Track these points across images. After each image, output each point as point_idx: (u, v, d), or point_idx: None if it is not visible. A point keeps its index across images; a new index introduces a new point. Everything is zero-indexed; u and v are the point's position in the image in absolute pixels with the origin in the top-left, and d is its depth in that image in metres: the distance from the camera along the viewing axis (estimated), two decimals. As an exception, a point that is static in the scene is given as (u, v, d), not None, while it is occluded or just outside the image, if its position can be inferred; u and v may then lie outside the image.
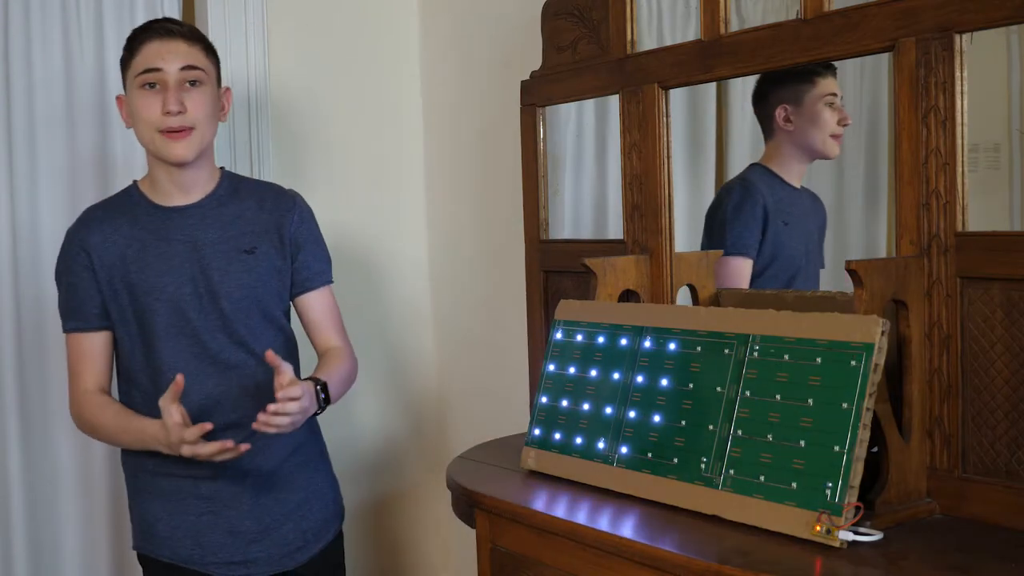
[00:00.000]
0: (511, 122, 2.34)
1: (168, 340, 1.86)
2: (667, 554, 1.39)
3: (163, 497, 1.90)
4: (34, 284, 2.40)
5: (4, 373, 2.37)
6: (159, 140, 1.85)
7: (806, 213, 2.00)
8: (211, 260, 1.89)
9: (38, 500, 2.42)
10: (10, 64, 2.36)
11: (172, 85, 1.83)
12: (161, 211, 1.92)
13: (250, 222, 1.95)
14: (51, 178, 2.41)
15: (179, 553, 1.89)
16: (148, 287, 1.86)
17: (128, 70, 1.87)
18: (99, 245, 1.88)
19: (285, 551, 1.94)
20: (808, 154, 1.95)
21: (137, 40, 1.86)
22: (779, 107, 1.94)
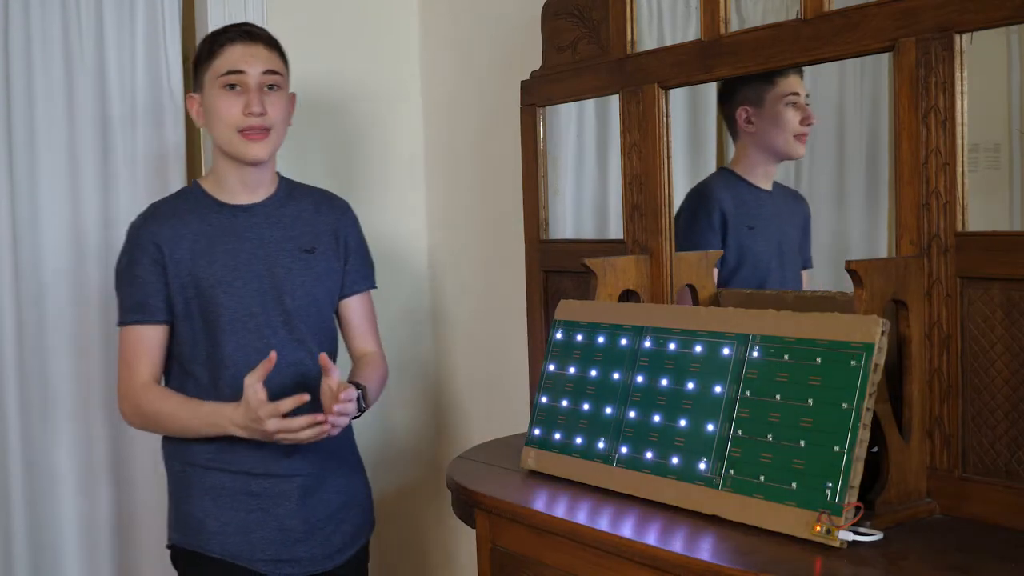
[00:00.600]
0: (511, 122, 2.34)
1: (232, 335, 1.91)
2: (667, 554, 1.39)
3: (213, 493, 1.93)
4: (35, 283, 2.40)
5: (4, 372, 2.37)
6: (237, 140, 1.91)
7: (778, 214, 1.99)
8: (276, 257, 1.95)
9: (39, 499, 2.42)
10: (10, 64, 2.36)
11: (253, 87, 1.90)
12: (227, 208, 1.97)
13: (308, 223, 2.02)
14: (51, 178, 2.41)
15: (228, 549, 1.91)
16: (215, 281, 1.91)
17: (207, 70, 1.92)
18: (169, 239, 1.92)
19: (327, 552, 1.99)
20: (772, 155, 1.95)
21: (219, 42, 1.92)
22: (740, 108, 1.94)
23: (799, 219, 1.95)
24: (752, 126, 1.93)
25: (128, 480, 2.51)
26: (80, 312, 2.44)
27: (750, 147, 1.96)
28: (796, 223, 1.95)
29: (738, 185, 1.97)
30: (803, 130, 1.89)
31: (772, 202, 1.97)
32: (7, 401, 2.37)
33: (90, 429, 2.46)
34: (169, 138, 2.52)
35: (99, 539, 2.48)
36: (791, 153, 1.93)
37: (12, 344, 2.37)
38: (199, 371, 1.93)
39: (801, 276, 1.94)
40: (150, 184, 2.51)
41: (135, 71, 2.49)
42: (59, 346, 2.43)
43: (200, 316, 1.91)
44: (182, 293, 1.91)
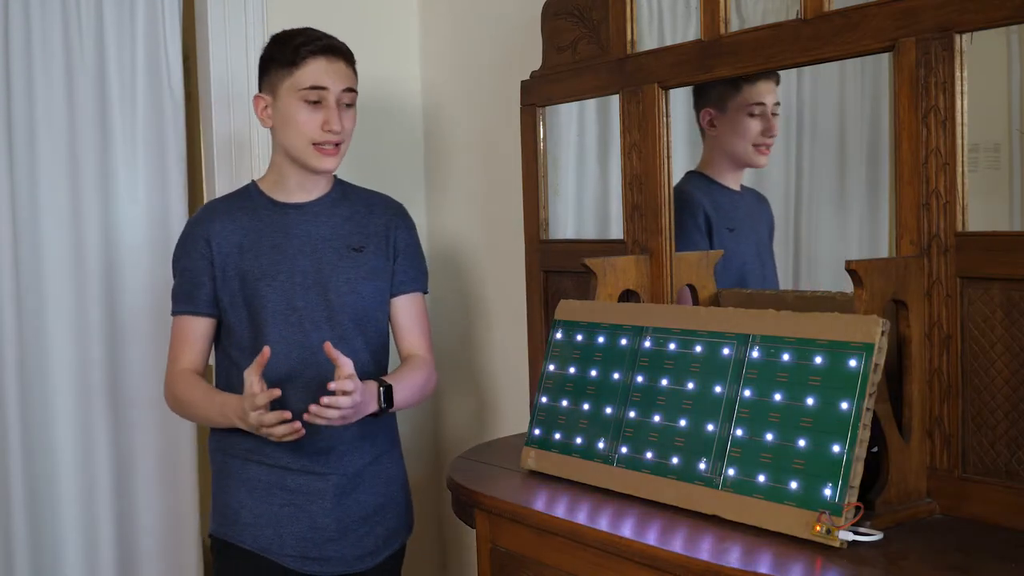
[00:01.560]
0: (511, 122, 2.34)
1: (275, 326, 1.94)
2: (667, 554, 1.39)
3: (249, 485, 1.96)
4: (35, 283, 2.40)
5: (5, 372, 2.37)
6: (311, 152, 1.96)
7: (751, 215, 1.99)
8: (323, 254, 1.99)
9: (39, 500, 2.42)
10: (10, 64, 2.36)
11: (333, 105, 1.94)
12: (280, 207, 2.02)
13: (359, 224, 2.05)
14: (51, 178, 2.41)
15: (259, 541, 1.94)
16: (260, 273, 1.95)
17: (286, 79, 1.94)
18: (219, 234, 1.97)
19: (358, 554, 2.00)
20: (733, 161, 1.95)
21: (301, 53, 1.94)
22: (704, 110, 1.94)
23: (766, 219, 1.95)
24: (715, 129, 1.94)
25: (128, 480, 2.51)
26: (80, 311, 2.44)
27: (715, 150, 1.96)
28: (765, 223, 1.95)
29: (711, 187, 1.97)
30: (764, 140, 1.88)
31: (744, 203, 1.98)
32: (7, 400, 2.37)
33: (90, 428, 2.46)
34: (169, 138, 2.52)
35: (99, 539, 2.48)
36: (750, 162, 1.93)
37: (12, 344, 2.37)
38: (244, 362, 1.94)
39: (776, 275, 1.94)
40: (150, 183, 2.51)
41: (135, 71, 2.49)
42: (59, 345, 2.43)
43: (245, 308, 1.96)
44: (227, 286, 1.96)
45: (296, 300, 1.96)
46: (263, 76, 2.01)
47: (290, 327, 1.95)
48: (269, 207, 2.01)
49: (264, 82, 2.00)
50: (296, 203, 2.02)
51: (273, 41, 2.01)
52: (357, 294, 2.00)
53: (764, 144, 1.89)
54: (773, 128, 1.87)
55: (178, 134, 2.54)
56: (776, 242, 1.95)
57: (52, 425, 2.43)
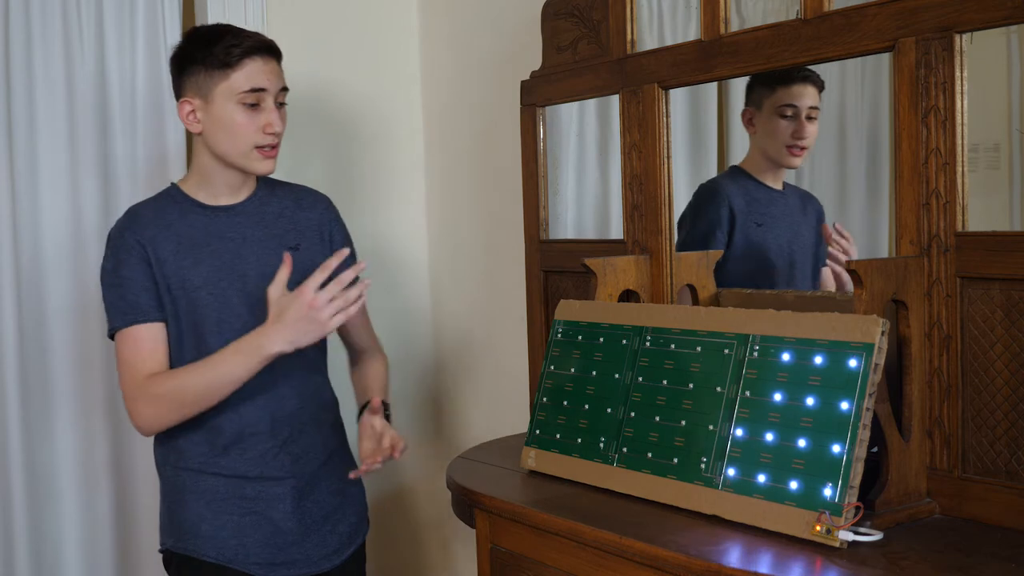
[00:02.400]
0: (511, 122, 2.34)
1: (220, 336, 1.87)
2: (667, 554, 1.39)
3: (207, 497, 1.91)
4: (35, 283, 2.40)
5: (5, 373, 2.37)
6: (252, 155, 1.89)
7: (789, 214, 1.99)
8: (260, 256, 1.93)
9: (39, 500, 2.42)
10: (10, 64, 2.36)
11: (272, 106, 1.88)
12: (209, 210, 1.94)
13: (290, 220, 2.00)
14: (51, 178, 2.41)
15: (224, 553, 1.90)
16: (200, 282, 1.88)
17: (220, 81, 1.84)
18: (153, 240, 1.88)
19: (323, 553, 1.97)
20: (769, 160, 1.95)
21: (235, 54, 1.84)
22: (746, 108, 1.95)
23: (812, 219, 1.95)
24: (753, 128, 1.94)
25: (128, 480, 2.51)
26: (81, 312, 2.44)
27: (754, 148, 1.97)
28: (809, 223, 1.96)
29: (748, 183, 1.98)
30: (794, 143, 1.89)
31: (784, 201, 1.98)
32: (8, 401, 2.37)
33: (90, 429, 2.46)
34: (169, 138, 2.52)
35: (99, 539, 2.48)
36: (782, 162, 1.94)
37: (13, 344, 2.37)
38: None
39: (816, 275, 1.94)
40: (150, 183, 2.51)
41: (135, 71, 2.49)
42: (60, 346, 2.43)
43: (186, 317, 1.88)
44: (168, 294, 1.88)
45: (240, 307, 1.89)
46: (185, 77, 1.88)
47: (235, 334, 1.85)
48: (198, 211, 1.92)
49: (188, 84, 1.88)
50: (225, 205, 1.94)
51: (194, 40, 1.89)
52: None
53: (796, 146, 1.89)
54: (803, 130, 1.87)
55: (178, 134, 2.53)
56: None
57: (52, 424, 2.43)
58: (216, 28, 1.92)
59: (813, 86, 1.85)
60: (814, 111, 1.86)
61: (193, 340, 1.89)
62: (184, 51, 1.90)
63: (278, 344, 1.78)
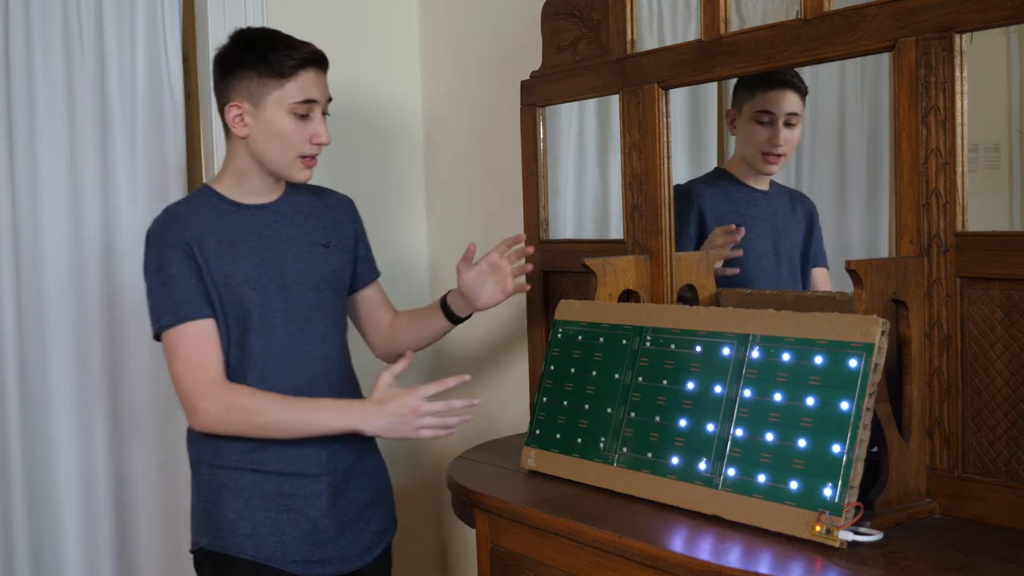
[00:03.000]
0: (511, 122, 2.34)
1: (261, 332, 1.90)
2: (667, 554, 1.39)
3: (245, 494, 1.91)
4: (35, 284, 2.40)
5: (5, 372, 2.37)
6: (295, 163, 1.92)
7: (774, 214, 1.98)
8: (297, 253, 1.96)
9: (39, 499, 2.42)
10: (10, 64, 2.36)
11: (320, 116, 1.92)
12: (244, 209, 1.96)
13: (320, 218, 2.04)
14: (51, 178, 2.41)
15: (262, 551, 1.90)
16: (242, 278, 1.90)
17: (274, 89, 1.86)
18: (195, 239, 1.89)
19: (356, 551, 1.99)
20: (746, 164, 1.95)
21: (290, 65, 1.86)
22: (729, 110, 1.95)
23: (801, 219, 1.94)
24: (734, 130, 1.94)
25: (128, 480, 2.51)
26: (81, 312, 2.44)
27: (737, 149, 1.97)
28: (797, 223, 1.95)
29: (729, 184, 1.97)
30: (770, 150, 1.88)
31: (768, 202, 1.97)
32: (8, 400, 2.37)
33: (90, 429, 2.46)
34: (169, 138, 2.52)
35: (99, 539, 2.48)
36: (758, 168, 1.93)
37: (13, 344, 2.37)
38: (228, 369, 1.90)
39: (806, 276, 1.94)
40: (150, 184, 2.51)
41: (135, 71, 2.49)
42: (59, 347, 2.43)
43: (231, 314, 1.90)
44: (214, 291, 1.89)
45: (279, 302, 1.91)
46: (235, 81, 1.88)
47: (276, 329, 1.90)
48: (233, 209, 1.94)
49: (237, 88, 1.88)
50: (260, 204, 1.97)
51: (245, 44, 1.90)
52: (333, 290, 2.00)
53: (771, 153, 1.88)
54: (778, 138, 1.86)
55: (178, 134, 2.53)
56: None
57: (52, 425, 2.43)
58: (268, 34, 1.93)
59: (794, 92, 1.84)
60: (794, 118, 1.85)
61: (238, 336, 1.90)
62: (233, 54, 1.90)
63: (368, 426, 1.83)
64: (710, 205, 1.97)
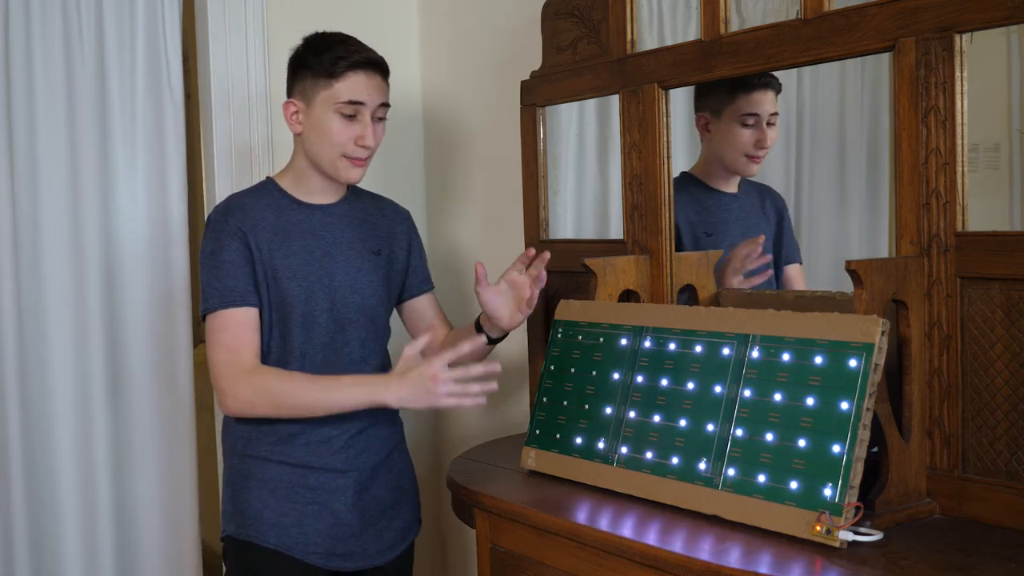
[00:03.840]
0: (511, 122, 2.34)
1: (303, 328, 1.94)
2: (667, 554, 1.39)
3: (271, 485, 1.95)
4: (35, 283, 2.40)
5: (5, 371, 2.37)
6: (341, 163, 1.95)
7: (744, 217, 1.98)
8: (349, 256, 2.00)
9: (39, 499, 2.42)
10: (10, 64, 2.36)
11: (368, 120, 1.93)
12: (304, 207, 2.00)
13: (375, 226, 2.07)
14: (52, 177, 2.41)
15: (285, 541, 1.94)
16: (291, 274, 1.94)
17: (323, 89, 1.91)
18: (252, 229, 1.94)
19: (378, 548, 2.01)
20: (724, 167, 1.94)
21: (341, 66, 1.91)
22: (700, 114, 1.94)
23: (771, 216, 1.94)
24: (709, 134, 1.94)
25: (128, 479, 2.51)
26: (80, 310, 2.44)
27: (708, 154, 1.97)
28: (768, 222, 1.94)
29: (698, 190, 1.97)
30: (756, 152, 1.88)
31: (738, 204, 1.97)
32: (7, 399, 2.36)
33: (90, 427, 2.46)
34: (169, 138, 2.52)
35: (99, 539, 2.48)
36: (740, 171, 1.93)
37: (12, 344, 2.37)
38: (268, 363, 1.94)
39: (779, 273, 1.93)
40: (150, 184, 2.51)
41: (135, 71, 2.49)
42: (59, 345, 2.43)
43: (275, 307, 1.94)
44: (263, 281, 1.94)
45: (323, 301, 1.96)
46: (295, 80, 1.98)
47: (317, 327, 1.95)
48: (293, 206, 1.99)
49: (296, 87, 1.97)
50: (320, 204, 2.02)
51: (309, 46, 1.98)
52: (379, 297, 2.03)
53: (756, 155, 1.88)
54: (766, 140, 1.86)
55: (178, 134, 2.53)
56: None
57: (52, 425, 2.43)
58: (331, 37, 1.99)
59: (773, 92, 1.84)
60: (774, 117, 1.85)
61: (279, 330, 1.95)
62: (299, 55, 1.99)
63: (391, 397, 1.83)
64: (682, 214, 1.96)
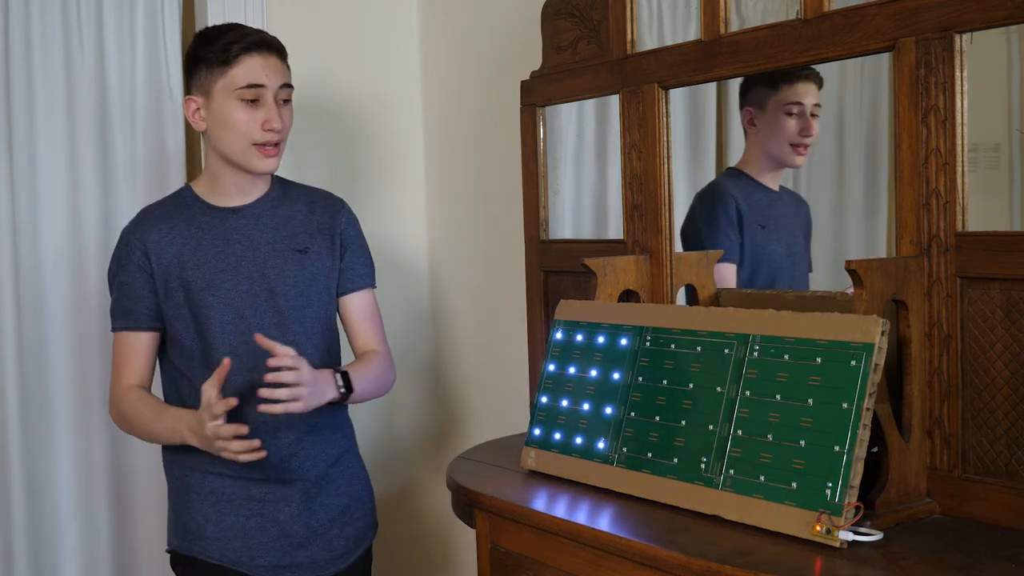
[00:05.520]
0: (511, 122, 2.34)
1: (224, 337, 1.89)
2: (667, 554, 1.39)
3: (213, 497, 1.91)
4: (34, 284, 2.40)
5: (4, 374, 2.37)
6: (252, 153, 1.89)
7: (787, 215, 1.99)
8: (267, 259, 1.94)
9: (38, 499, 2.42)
10: (10, 64, 2.36)
11: (272, 102, 1.88)
12: (217, 212, 1.96)
13: (301, 223, 2.00)
14: (51, 178, 2.41)
15: (228, 555, 1.90)
16: (205, 284, 1.90)
17: (219, 78, 1.87)
18: (157, 244, 1.91)
19: (329, 557, 1.97)
20: (771, 160, 1.95)
21: (233, 51, 1.86)
22: (745, 109, 1.94)
23: (803, 222, 1.95)
24: (755, 128, 1.94)
25: (128, 481, 2.50)
26: (79, 313, 2.44)
27: (754, 148, 1.97)
28: (801, 225, 1.96)
29: (748, 184, 1.97)
30: (801, 140, 1.88)
31: (781, 203, 1.98)
32: (7, 402, 2.37)
33: (89, 430, 2.46)
34: (169, 138, 2.52)
35: (99, 539, 2.48)
36: (787, 161, 1.93)
37: (11, 345, 2.37)
38: (194, 373, 1.91)
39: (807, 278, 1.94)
40: (150, 184, 2.51)
41: (135, 71, 2.49)
42: (58, 347, 2.43)
43: (192, 319, 1.90)
44: (171, 298, 1.90)
45: (244, 309, 1.90)
46: (192, 76, 1.92)
47: (239, 335, 1.88)
48: (207, 212, 1.94)
49: (194, 83, 1.91)
50: (234, 207, 1.95)
51: (200, 39, 1.92)
52: (305, 297, 1.95)
53: (801, 144, 1.89)
54: (811, 128, 1.87)
55: (177, 134, 2.53)
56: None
57: (50, 425, 2.43)
58: (221, 26, 1.94)
59: (815, 83, 1.85)
60: (817, 108, 1.86)
61: (200, 343, 1.90)
62: (191, 50, 1.93)
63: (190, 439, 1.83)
64: (743, 205, 1.97)
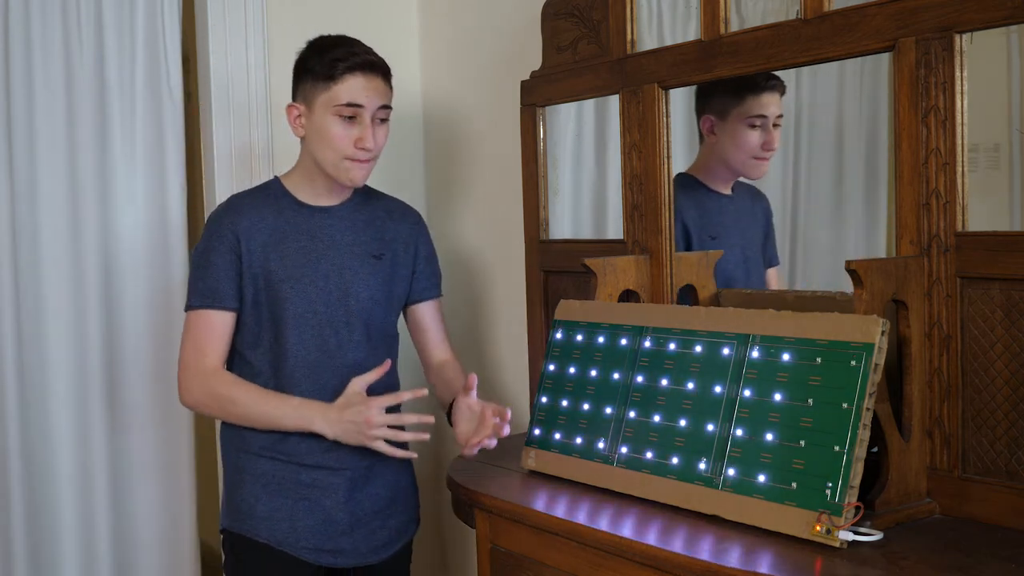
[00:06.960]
0: (511, 122, 2.34)
1: (295, 329, 1.96)
2: (667, 554, 1.39)
3: (264, 480, 1.98)
4: (34, 283, 2.40)
5: (4, 371, 2.37)
6: (343, 165, 1.95)
7: (741, 218, 1.98)
8: (346, 260, 2.01)
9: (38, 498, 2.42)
10: (10, 64, 2.36)
11: (368, 122, 1.94)
12: (305, 208, 2.02)
13: (380, 229, 2.07)
14: (51, 177, 2.41)
15: (275, 535, 1.96)
16: (285, 275, 1.96)
17: (322, 93, 1.93)
18: (247, 230, 1.96)
19: (371, 546, 2.03)
20: (729, 169, 1.95)
21: (339, 68, 1.92)
22: (705, 116, 1.94)
23: (760, 218, 1.94)
24: (714, 136, 1.93)
25: (127, 479, 2.51)
26: (79, 311, 2.44)
27: (711, 156, 1.96)
28: (758, 223, 1.95)
29: (699, 192, 1.97)
30: (763, 154, 1.88)
31: (733, 206, 1.97)
32: (6, 399, 2.37)
33: (89, 427, 2.46)
34: (169, 138, 2.52)
35: (98, 538, 2.48)
36: (747, 173, 1.93)
37: (11, 344, 2.37)
38: (259, 361, 1.97)
39: (765, 278, 1.93)
40: (149, 184, 2.51)
41: (135, 71, 2.49)
42: (58, 345, 2.43)
43: (267, 308, 1.96)
44: (253, 284, 1.96)
45: (318, 304, 1.97)
46: (297, 84, 1.99)
47: (310, 330, 1.96)
48: (295, 207, 2.01)
49: (298, 91, 1.99)
50: (322, 206, 2.03)
51: (310, 50, 1.99)
52: (375, 300, 2.02)
53: (763, 157, 1.88)
54: (773, 141, 1.86)
55: (177, 135, 2.53)
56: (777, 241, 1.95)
57: (50, 423, 2.43)
58: (332, 40, 2.00)
59: (779, 93, 1.84)
60: (779, 119, 1.86)
61: (272, 331, 1.97)
62: (302, 58, 2.00)
63: (325, 428, 1.90)
64: (691, 218, 1.96)
